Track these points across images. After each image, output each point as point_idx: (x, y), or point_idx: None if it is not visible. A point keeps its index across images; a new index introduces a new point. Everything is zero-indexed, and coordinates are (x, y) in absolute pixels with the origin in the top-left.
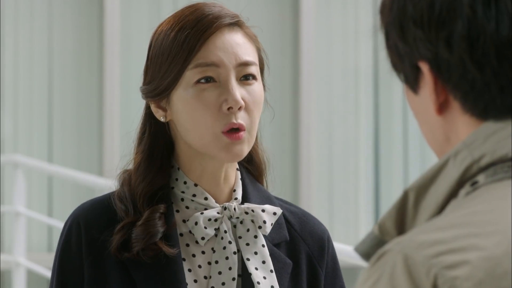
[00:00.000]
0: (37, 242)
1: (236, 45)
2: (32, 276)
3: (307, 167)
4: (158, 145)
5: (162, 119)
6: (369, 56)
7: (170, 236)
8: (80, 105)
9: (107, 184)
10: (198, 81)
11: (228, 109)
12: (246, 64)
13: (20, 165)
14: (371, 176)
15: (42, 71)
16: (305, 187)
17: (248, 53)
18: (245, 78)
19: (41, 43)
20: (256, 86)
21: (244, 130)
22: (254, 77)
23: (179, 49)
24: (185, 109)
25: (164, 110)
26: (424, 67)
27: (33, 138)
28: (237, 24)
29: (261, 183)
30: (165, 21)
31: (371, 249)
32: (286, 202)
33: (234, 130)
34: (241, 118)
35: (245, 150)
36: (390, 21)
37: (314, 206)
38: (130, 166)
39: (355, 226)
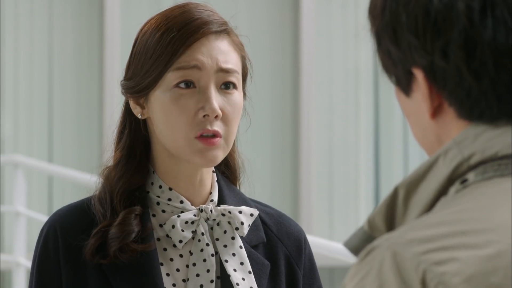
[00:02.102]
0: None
1: (220, 52)
2: None
3: (307, 167)
4: (138, 142)
5: (139, 116)
6: (369, 56)
7: (146, 237)
8: (80, 105)
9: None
10: (177, 85)
11: (204, 116)
12: (226, 71)
13: (20, 165)
14: (371, 176)
15: (42, 71)
16: (305, 187)
17: (231, 61)
18: (226, 87)
19: (41, 43)
20: (236, 96)
21: (220, 137)
22: (234, 86)
23: (163, 50)
24: (162, 111)
25: (142, 107)
26: (419, 74)
27: (33, 138)
28: (224, 31)
29: (236, 186)
30: (153, 18)
31: (360, 244)
32: (261, 204)
33: (208, 136)
34: (216, 126)
35: (220, 156)
36: (383, 26)
37: (314, 206)
38: (111, 163)
39: (355, 226)
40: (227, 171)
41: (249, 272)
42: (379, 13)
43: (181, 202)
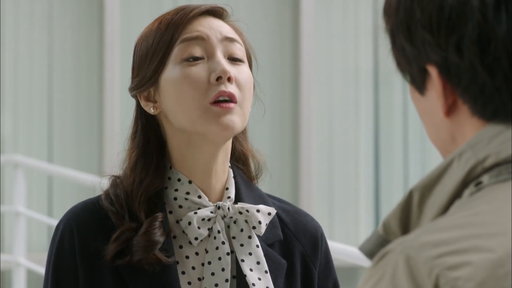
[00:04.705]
0: (37, 242)
1: (221, 26)
2: (32, 276)
3: (307, 167)
4: (151, 141)
5: (152, 111)
6: (369, 56)
7: (166, 242)
8: (80, 105)
9: (105, 184)
10: (186, 60)
11: (217, 79)
12: (231, 40)
13: (20, 165)
14: (371, 176)
15: (42, 71)
16: (305, 187)
17: (234, 34)
18: (233, 60)
19: (41, 43)
20: (245, 68)
21: (235, 102)
22: (241, 61)
23: (164, 33)
24: (174, 88)
25: (153, 101)
26: (433, 71)
27: (33, 138)
28: (221, 15)
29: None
30: (148, 25)
31: (375, 248)
32: (278, 200)
33: (225, 101)
34: (231, 89)
35: (237, 121)
36: (397, 23)
37: (314, 206)
38: (124, 166)
39: (355, 226)
40: (245, 169)
41: (266, 272)
42: (394, 11)
43: (199, 197)
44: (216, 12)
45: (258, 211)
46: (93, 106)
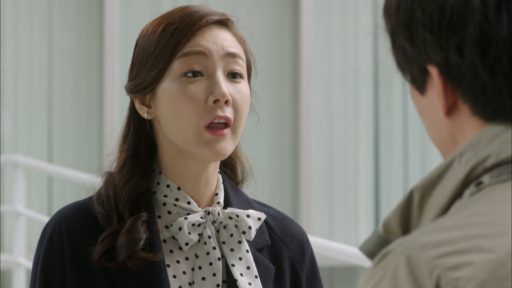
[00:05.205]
0: (37, 242)
1: (224, 39)
2: None
3: (307, 167)
4: (142, 144)
5: (146, 116)
6: (369, 56)
7: (153, 244)
8: (80, 105)
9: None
10: (185, 74)
11: (215, 102)
12: (233, 55)
13: (20, 165)
14: (371, 176)
15: (42, 71)
16: (305, 187)
17: (236, 47)
18: (233, 76)
19: (41, 43)
20: (244, 85)
21: (230, 125)
22: (241, 76)
23: (167, 42)
24: (170, 103)
25: (148, 106)
26: (434, 71)
27: (33, 138)
28: (226, 23)
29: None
30: (152, 20)
31: (375, 248)
32: (264, 205)
33: (218, 125)
34: (228, 112)
35: (229, 148)
36: (398, 23)
37: (314, 206)
38: (114, 166)
39: (355, 227)
40: (232, 173)
41: (256, 277)
42: (394, 11)
43: (188, 203)
44: (221, 21)
45: (248, 216)
46: (93, 106)
